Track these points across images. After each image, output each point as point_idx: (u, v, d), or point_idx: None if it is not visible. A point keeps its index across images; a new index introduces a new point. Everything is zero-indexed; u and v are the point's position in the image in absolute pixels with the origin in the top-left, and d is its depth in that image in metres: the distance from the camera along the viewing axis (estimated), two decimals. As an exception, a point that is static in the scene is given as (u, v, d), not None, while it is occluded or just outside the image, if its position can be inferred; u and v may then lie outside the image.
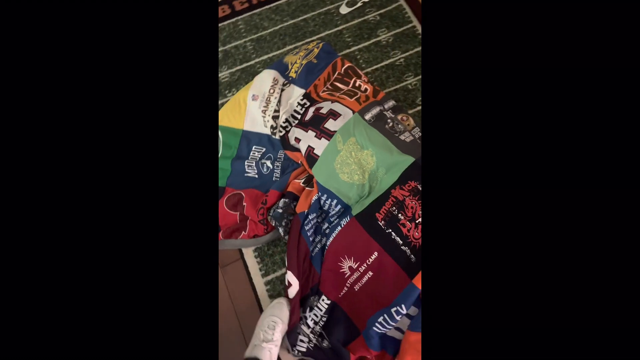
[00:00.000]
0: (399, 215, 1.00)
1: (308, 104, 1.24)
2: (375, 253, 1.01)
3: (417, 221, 0.98)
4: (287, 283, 1.06)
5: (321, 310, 1.05)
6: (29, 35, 0.47)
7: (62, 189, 0.48)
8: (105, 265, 0.48)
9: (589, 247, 0.46)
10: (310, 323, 1.04)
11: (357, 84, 1.27)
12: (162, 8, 0.51)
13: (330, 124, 1.12)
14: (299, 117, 1.23)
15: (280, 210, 1.12)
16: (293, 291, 1.04)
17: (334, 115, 1.14)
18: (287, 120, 1.24)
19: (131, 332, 0.48)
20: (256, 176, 1.22)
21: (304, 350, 1.02)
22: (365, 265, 1.02)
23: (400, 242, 0.99)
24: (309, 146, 1.12)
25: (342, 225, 1.06)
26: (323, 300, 1.06)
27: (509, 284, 0.48)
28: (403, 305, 0.94)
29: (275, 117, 1.24)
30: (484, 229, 0.49)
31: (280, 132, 1.23)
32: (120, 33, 0.50)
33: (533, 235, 0.48)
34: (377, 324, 0.98)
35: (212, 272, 0.54)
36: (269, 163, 1.23)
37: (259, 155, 1.24)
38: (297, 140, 1.15)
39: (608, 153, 0.47)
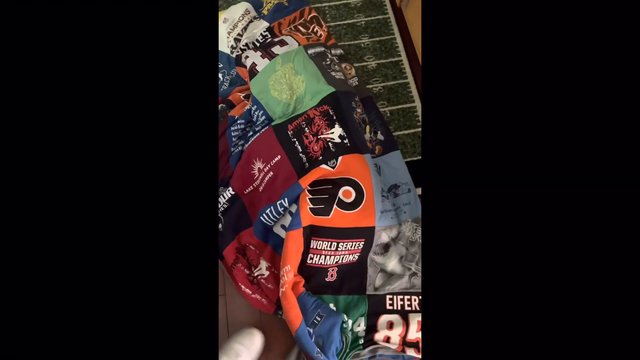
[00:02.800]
0: (306, 128, 1.16)
1: (270, 37, 1.41)
2: (279, 156, 1.16)
3: (318, 137, 1.14)
4: None
5: (225, 198, 1.21)
6: (26, 33, 0.47)
7: (61, 179, 0.47)
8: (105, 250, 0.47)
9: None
10: (213, 208, 1.20)
11: (315, 30, 1.44)
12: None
13: (277, 49, 1.29)
14: (258, 45, 1.40)
15: (215, 112, 1.29)
16: None
17: (282, 43, 1.30)
18: (246, 45, 1.41)
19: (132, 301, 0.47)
20: (207, 83, 1.39)
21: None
22: (269, 165, 1.18)
23: (300, 150, 1.15)
24: (253, 62, 1.29)
25: (260, 133, 1.22)
26: (229, 190, 1.21)
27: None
28: (286, 199, 1.10)
29: (237, 40, 1.41)
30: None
31: (238, 52, 1.40)
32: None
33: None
34: (264, 215, 1.13)
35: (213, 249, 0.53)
36: (220, 76, 1.40)
37: (215, 69, 1.41)
38: (246, 58, 1.32)
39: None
